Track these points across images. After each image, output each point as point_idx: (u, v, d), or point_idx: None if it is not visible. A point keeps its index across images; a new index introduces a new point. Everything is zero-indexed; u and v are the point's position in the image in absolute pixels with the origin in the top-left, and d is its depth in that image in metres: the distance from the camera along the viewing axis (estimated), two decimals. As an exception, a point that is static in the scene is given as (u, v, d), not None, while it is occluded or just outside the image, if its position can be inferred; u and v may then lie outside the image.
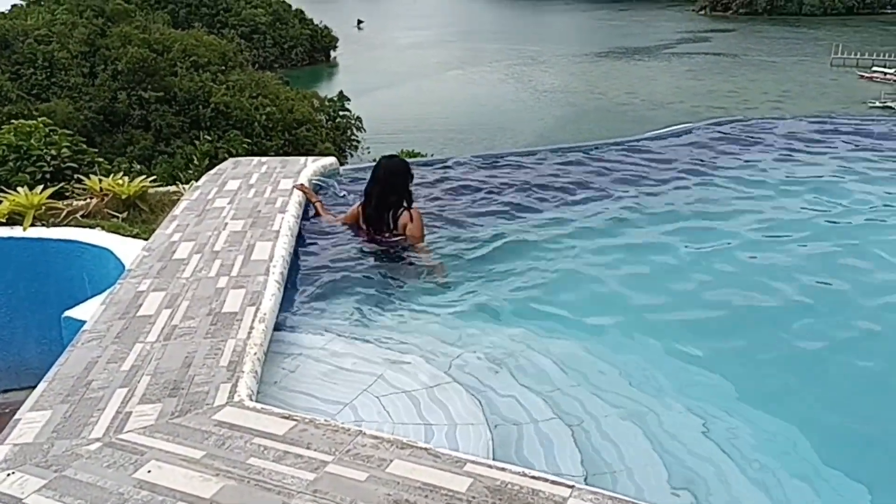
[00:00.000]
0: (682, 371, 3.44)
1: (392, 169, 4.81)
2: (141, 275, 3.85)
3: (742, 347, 3.73)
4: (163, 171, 32.70)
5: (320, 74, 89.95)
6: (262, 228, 4.50)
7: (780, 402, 3.27)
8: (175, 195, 5.79)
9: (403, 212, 4.74)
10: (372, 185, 4.81)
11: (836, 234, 5.09)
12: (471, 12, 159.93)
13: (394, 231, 4.75)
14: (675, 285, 4.29)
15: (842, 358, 3.69)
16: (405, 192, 4.78)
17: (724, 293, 4.22)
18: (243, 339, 3.19)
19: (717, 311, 4.05)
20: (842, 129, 7.54)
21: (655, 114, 67.20)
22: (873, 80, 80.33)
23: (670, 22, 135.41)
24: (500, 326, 3.79)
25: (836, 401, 3.39)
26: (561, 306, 4.02)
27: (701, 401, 3.18)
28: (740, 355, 3.65)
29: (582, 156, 6.61)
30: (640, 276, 4.39)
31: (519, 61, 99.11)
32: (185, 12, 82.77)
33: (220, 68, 53.48)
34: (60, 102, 44.84)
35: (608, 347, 3.59)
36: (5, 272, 5.12)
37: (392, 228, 4.75)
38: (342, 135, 55.66)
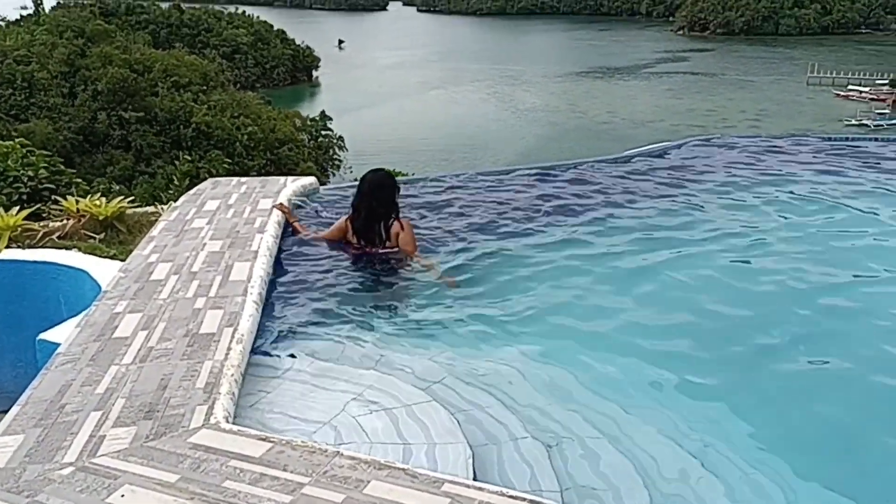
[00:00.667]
0: (662, 390, 3.45)
1: (378, 182, 4.87)
2: (117, 296, 3.81)
3: (722, 365, 3.75)
4: (143, 192, 32.51)
5: (302, 94, 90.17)
6: (241, 249, 4.48)
7: (761, 419, 3.29)
8: (153, 216, 5.76)
9: (393, 223, 4.80)
10: (359, 199, 4.85)
11: (813, 247, 5.15)
12: (451, 32, 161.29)
13: (386, 242, 4.79)
14: (656, 304, 4.31)
15: (825, 370, 3.72)
16: (392, 204, 4.83)
17: (703, 311, 4.24)
18: (220, 361, 3.17)
19: (698, 330, 4.06)
20: (819, 146, 7.65)
21: (636, 132, 67.96)
22: (849, 98, 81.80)
23: (649, 42, 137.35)
24: (481, 345, 3.79)
25: (819, 413, 3.41)
26: (541, 326, 4.03)
27: (681, 419, 3.19)
28: (720, 373, 3.67)
29: (563, 173, 6.65)
30: (620, 296, 4.41)
31: (500, 81, 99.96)
32: (166, 32, 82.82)
33: (201, 88, 53.45)
34: (40, 123, 44.54)
35: (587, 367, 3.60)
36: (-20, 295, 5.06)
37: (385, 240, 4.79)
38: (324, 154, 55.72)
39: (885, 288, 4.64)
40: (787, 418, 3.35)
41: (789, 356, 3.81)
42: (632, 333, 3.96)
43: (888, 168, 6.92)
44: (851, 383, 3.64)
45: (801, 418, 3.36)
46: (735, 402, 3.37)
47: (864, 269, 4.86)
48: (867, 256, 5.03)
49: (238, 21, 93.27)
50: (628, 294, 4.40)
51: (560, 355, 3.69)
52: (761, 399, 3.47)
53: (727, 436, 3.11)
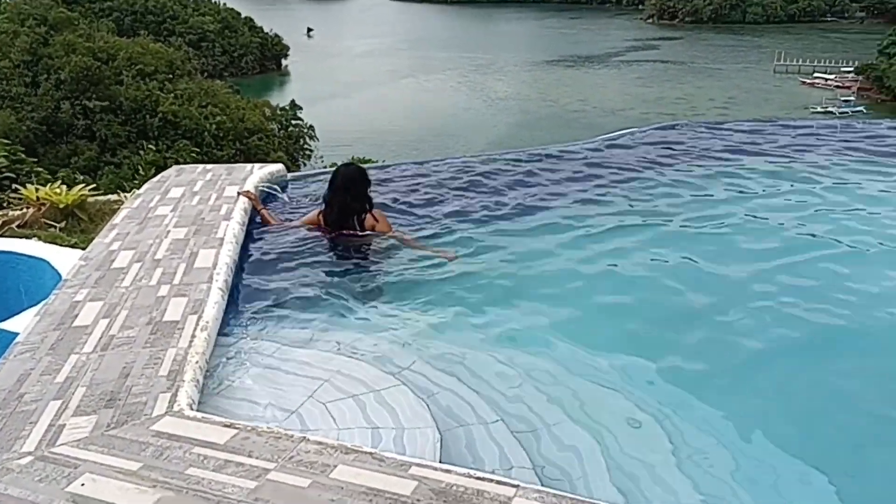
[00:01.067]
0: (631, 373, 3.46)
1: (350, 176, 4.84)
2: (78, 284, 3.73)
3: (689, 348, 3.77)
4: (108, 182, 31.99)
5: (271, 83, 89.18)
6: (206, 236, 4.41)
7: (728, 400, 3.32)
8: (116, 204, 5.65)
9: (366, 215, 4.80)
10: (331, 194, 4.83)
11: (787, 233, 5.20)
12: (422, 21, 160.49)
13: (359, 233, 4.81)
14: (626, 289, 4.33)
15: (789, 356, 3.75)
16: (365, 198, 4.82)
17: (672, 295, 4.25)
18: (184, 348, 3.11)
19: (668, 313, 4.08)
20: (787, 132, 7.73)
21: (607, 120, 68.24)
22: (815, 85, 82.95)
23: (619, 30, 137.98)
24: (451, 330, 3.77)
25: (779, 394, 3.45)
26: (510, 311, 4.02)
27: (650, 401, 3.21)
28: (688, 355, 3.69)
29: (534, 160, 6.65)
30: (590, 281, 4.41)
31: (471, 69, 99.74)
32: (131, 20, 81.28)
33: (167, 77, 52.50)
34: (2, 113, 43.49)
35: (557, 350, 3.60)
36: (-63, 285, 4.92)
37: (359, 230, 4.80)
38: (295, 143, 55.13)
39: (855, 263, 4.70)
40: (755, 397, 3.39)
41: (758, 337, 3.85)
42: (602, 318, 3.98)
43: (852, 150, 7.00)
44: (816, 360, 3.69)
45: (769, 397, 3.40)
46: (701, 383, 3.40)
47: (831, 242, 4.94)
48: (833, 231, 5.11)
49: (204, 8, 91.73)
50: (598, 279, 4.41)
51: (530, 339, 3.70)
52: (729, 380, 3.50)
53: (693, 416, 3.13)
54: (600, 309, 4.06)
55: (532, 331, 3.77)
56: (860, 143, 7.24)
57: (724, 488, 2.71)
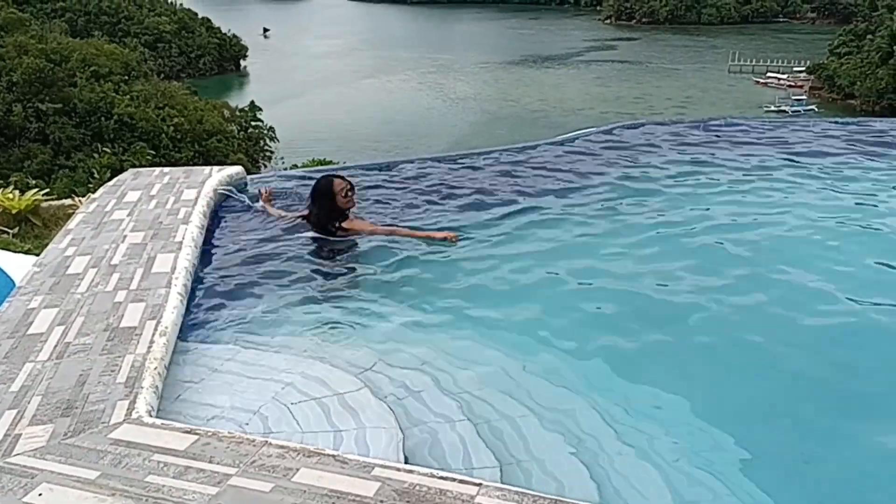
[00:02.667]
0: (596, 370, 3.50)
1: (320, 190, 5.00)
2: (31, 291, 3.65)
3: (654, 343, 3.83)
4: (63, 186, 31.31)
5: (230, 84, 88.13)
6: (164, 240, 4.35)
7: (689, 394, 3.37)
8: (71, 209, 5.54)
9: (343, 221, 4.96)
10: (312, 203, 5.05)
11: (741, 227, 5.31)
12: (381, 21, 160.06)
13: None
14: (590, 287, 4.36)
15: (760, 354, 3.83)
16: (337, 208, 4.96)
17: (637, 291, 4.31)
18: (143, 354, 3.07)
19: (632, 309, 4.12)
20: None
21: (567, 120, 68.90)
22: (768, 85, 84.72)
23: (578, 31, 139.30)
24: (416, 333, 3.77)
25: (741, 388, 3.53)
26: (475, 312, 4.02)
27: (614, 397, 3.26)
28: (652, 350, 3.75)
29: (495, 159, 6.68)
30: (553, 281, 4.43)
31: (432, 69, 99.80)
32: (84, 21, 79.61)
33: (123, 78, 51.59)
34: (-51, 116, 42.30)
35: (521, 349, 3.63)
36: None
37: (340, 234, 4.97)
38: (255, 145, 54.63)
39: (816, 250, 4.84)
40: (721, 393, 3.46)
41: (725, 332, 3.93)
42: (565, 316, 4.01)
43: (797, 150, 7.18)
44: (768, 346, 3.78)
45: (738, 392, 3.47)
46: (662, 377, 3.47)
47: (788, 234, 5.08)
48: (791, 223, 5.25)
49: (160, 9, 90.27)
50: (561, 279, 4.43)
51: (493, 339, 3.72)
52: (691, 375, 3.56)
53: (657, 411, 3.19)
54: (567, 309, 4.09)
55: (498, 332, 3.79)
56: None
57: (700, 489, 2.75)
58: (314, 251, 4.79)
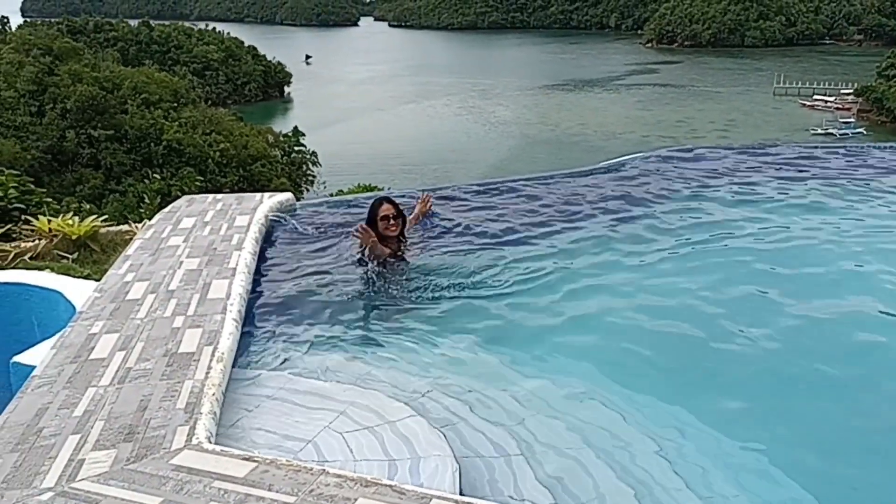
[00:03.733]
0: (651, 400, 3.45)
1: (369, 210, 5.13)
2: (93, 317, 3.75)
3: (710, 374, 3.77)
4: (113, 210, 32.10)
5: (274, 110, 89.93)
6: (219, 266, 4.43)
7: (749, 425, 3.31)
8: (127, 234, 5.68)
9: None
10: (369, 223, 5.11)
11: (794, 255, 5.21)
12: (423, 47, 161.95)
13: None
14: (641, 314, 4.31)
15: (804, 378, 3.75)
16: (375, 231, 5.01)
17: (689, 319, 4.25)
18: (201, 380, 3.12)
19: (686, 339, 4.07)
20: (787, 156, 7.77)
21: (607, 144, 68.70)
22: (815, 108, 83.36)
23: (618, 55, 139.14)
24: (466, 359, 3.77)
25: (798, 422, 3.45)
26: (526, 340, 4.02)
27: (668, 428, 3.21)
28: (706, 383, 3.69)
29: (541, 185, 6.68)
30: (606, 307, 4.40)
31: (472, 94, 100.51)
32: (136, 49, 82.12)
33: (172, 105, 53.00)
34: (7, 142, 43.78)
35: (574, 378, 3.60)
36: (-50, 318, 4.94)
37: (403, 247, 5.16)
38: (298, 170, 55.46)
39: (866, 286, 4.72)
40: (778, 427, 3.38)
41: (770, 363, 3.85)
42: (619, 344, 3.96)
43: (855, 175, 7.04)
44: (814, 383, 3.69)
45: (786, 421, 3.40)
46: (719, 410, 3.40)
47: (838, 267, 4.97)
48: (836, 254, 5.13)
49: (208, 37, 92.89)
50: (613, 305, 4.40)
51: (546, 367, 3.70)
52: (749, 407, 3.49)
53: (717, 443, 3.13)
54: (621, 336, 4.05)
55: (550, 361, 3.77)
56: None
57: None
58: (358, 281, 4.78)
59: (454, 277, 4.72)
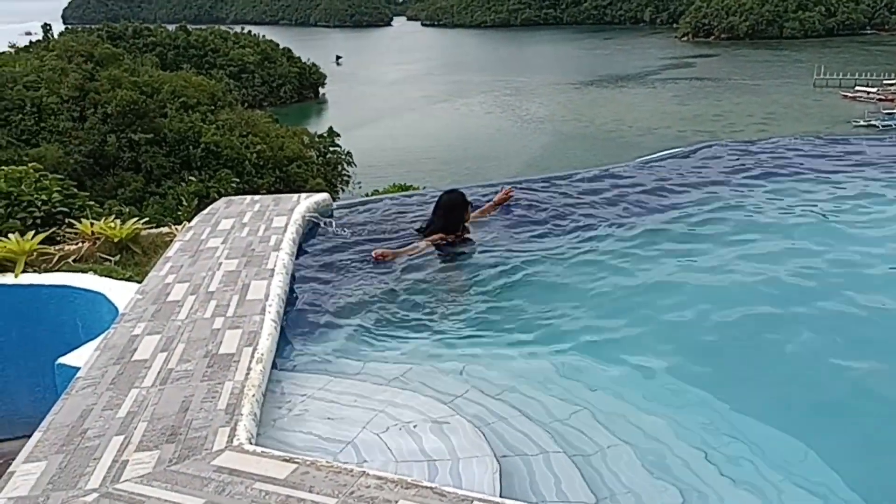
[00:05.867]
0: (691, 398, 3.39)
1: (454, 202, 5.37)
2: (135, 318, 3.79)
3: (753, 375, 3.68)
4: (154, 213, 32.69)
5: (309, 111, 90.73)
6: (257, 267, 4.46)
7: (790, 424, 3.23)
8: (168, 236, 5.75)
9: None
10: (439, 216, 5.32)
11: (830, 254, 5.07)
12: (456, 45, 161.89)
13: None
14: (684, 314, 4.23)
15: (846, 375, 3.65)
16: (463, 220, 5.36)
17: (732, 319, 4.16)
18: (241, 381, 3.13)
19: (730, 338, 3.98)
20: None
21: (643, 139, 67.93)
22: (856, 99, 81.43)
23: (654, 49, 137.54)
24: (506, 358, 3.74)
25: (841, 416, 3.36)
26: (566, 337, 3.97)
27: (711, 426, 3.14)
28: (747, 382, 3.61)
29: (579, 181, 6.62)
30: (647, 305, 4.32)
31: (506, 92, 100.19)
32: (174, 54, 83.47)
33: (209, 108, 53.86)
34: (50, 147, 44.91)
35: (614, 376, 3.55)
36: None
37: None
38: (333, 170, 55.93)
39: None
40: (815, 421, 3.29)
41: (819, 366, 3.75)
42: (661, 342, 3.90)
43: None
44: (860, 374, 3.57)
45: (829, 418, 3.31)
46: (764, 411, 3.32)
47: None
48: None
49: (244, 41, 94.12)
50: (655, 303, 4.32)
51: (587, 367, 3.64)
52: (796, 411, 3.41)
53: (757, 441, 3.05)
54: (663, 334, 3.98)
55: (589, 357, 3.72)
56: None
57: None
58: (395, 280, 4.76)
59: (494, 274, 4.69)
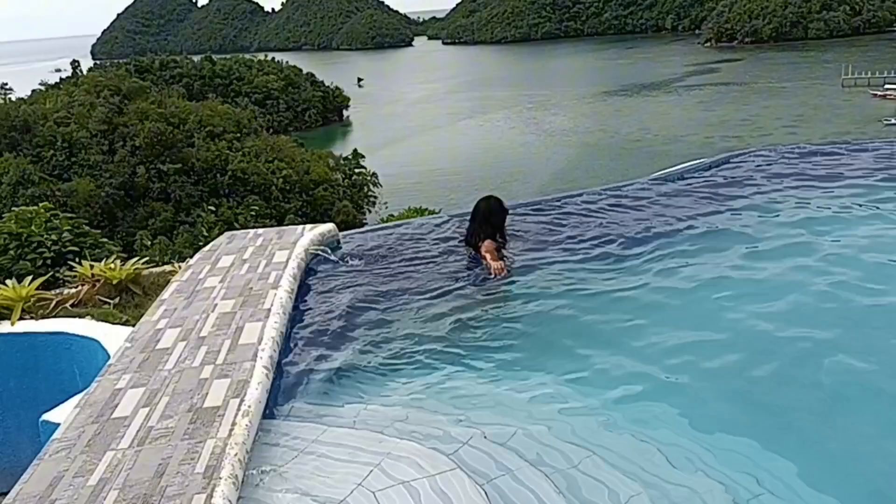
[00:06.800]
0: (704, 444, 3.10)
1: (493, 209, 5.41)
2: (121, 369, 3.61)
3: (781, 408, 3.39)
4: (184, 241, 32.97)
5: (334, 134, 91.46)
6: (253, 307, 4.27)
7: (798, 459, 2.95)
8: (171, 274, 5.60)
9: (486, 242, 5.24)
10: (480, 223, 5.36)
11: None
12: (478, 62, 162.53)
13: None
14: (698, 353, 3.93)
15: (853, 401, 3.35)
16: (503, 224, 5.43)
17: (749, 353, 3.87)
18: (224, 439, 2.92)
19: (758, 377, 3.67)
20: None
21: (669, 148, 67.22)
22: (886, 97, 79.84)
23: (677, 56, 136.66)
24: (508, 404, 3.48)
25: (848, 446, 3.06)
26: (575, 379, 3.70)
27: (715, 473, 2.86)
28: (784, 428, 3.31)
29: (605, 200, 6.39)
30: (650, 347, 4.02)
31: (529, 106, 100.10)
32: (199, 84, 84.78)
33: (235, 136, 54.43)
34: (81, 181, 45.68)
35: (623, 423, 3.27)
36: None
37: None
38: (359, 192, 56.11)
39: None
40: (813, 444, 3.00)
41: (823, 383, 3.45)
42: (669, 387, 3.60)
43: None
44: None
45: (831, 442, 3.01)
46: (781, 444, 3.02)
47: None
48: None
49: (268, 68, 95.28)
50: (658, 344, 4.02)
51: (597, 409, 3.38)
52: (802, 440, 3.11)
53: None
54: (669, 376, 3.68)
55: (599, 400, 3.45)
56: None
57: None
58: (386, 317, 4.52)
59: (496, 312, 4.44)
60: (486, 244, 5.20)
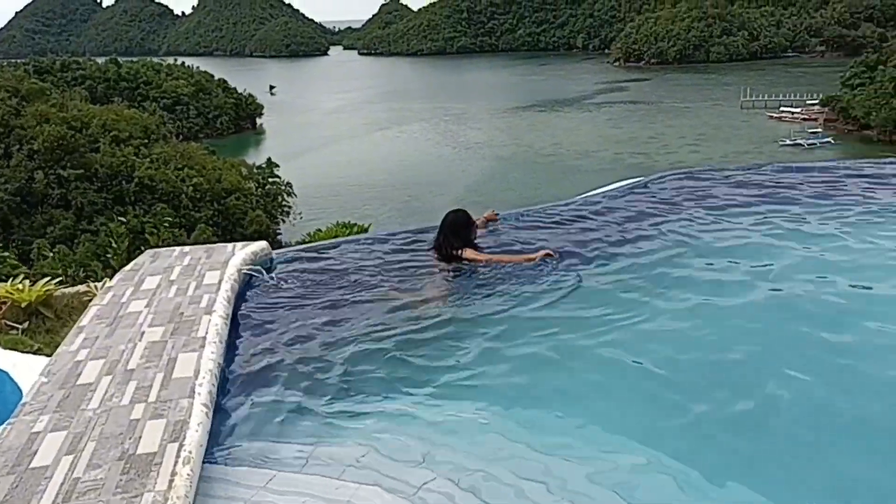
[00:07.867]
0: (677, 478, 2.99)
1: (459, 222, 5.44)
2: (38, 409, 3.21)
3: (749, 452, 3.31)
4: (86, 251, 31.28)
5: (247, 142, 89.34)
6: (186, 335, 3.91)
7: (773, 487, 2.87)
8: (86, 296, 5.13)
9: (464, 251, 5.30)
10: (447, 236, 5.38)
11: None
12: (393, 74, 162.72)
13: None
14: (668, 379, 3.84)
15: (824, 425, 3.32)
16: (469, 237, 5.41)
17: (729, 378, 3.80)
18: (163, 492, 2.60)
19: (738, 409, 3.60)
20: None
21: (581, 163, 68.94)
22: (782, 119, 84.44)
23: (587, 74, 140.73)
24: (475, 439, 3.26)
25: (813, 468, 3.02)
26: (545, 405, 3.54)
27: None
28: (744, 464, 3.23)
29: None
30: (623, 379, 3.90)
31: (445, 119, 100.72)
32: (104, 87, 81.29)
33: (142, 142, 52.26)
34: (-28, 187, 42.76)
35: (599, 456, 3.12)
36: None
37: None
38: (273, 201, 54.82)
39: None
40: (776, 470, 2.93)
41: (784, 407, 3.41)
42: (656, 417, 3.48)
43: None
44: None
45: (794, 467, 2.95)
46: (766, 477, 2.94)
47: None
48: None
49: (178, 72, 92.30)
50: (630, 375, 3.91)
51: (573, 444, 3.20)
52: (779, 465, 3.05)
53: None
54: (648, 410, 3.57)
55: (578, 434, 3.28)
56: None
57: None
58: (335, 334, 4.25)
59: (462, 337, 4.22)
60: (468, 252, 5.30)
